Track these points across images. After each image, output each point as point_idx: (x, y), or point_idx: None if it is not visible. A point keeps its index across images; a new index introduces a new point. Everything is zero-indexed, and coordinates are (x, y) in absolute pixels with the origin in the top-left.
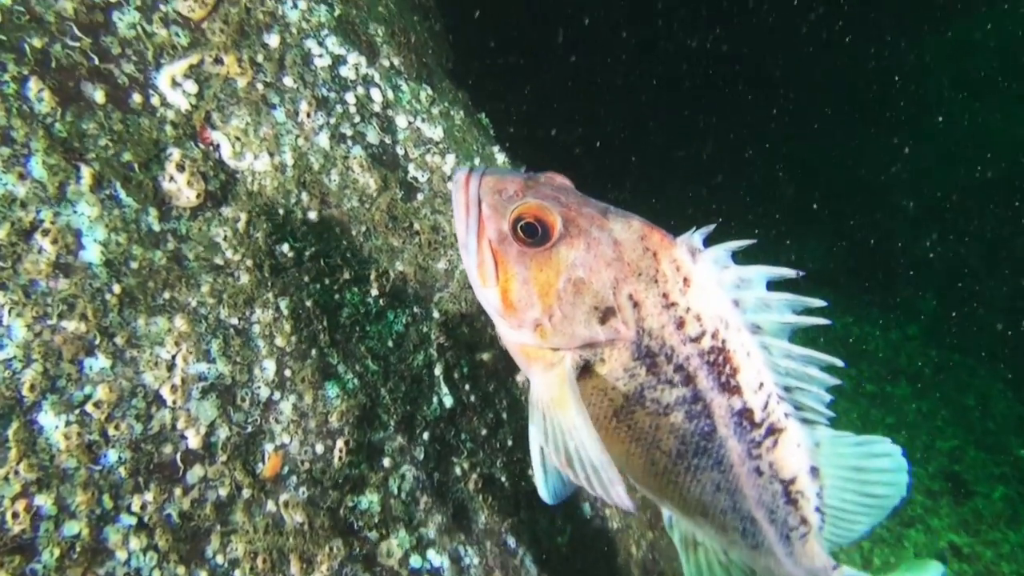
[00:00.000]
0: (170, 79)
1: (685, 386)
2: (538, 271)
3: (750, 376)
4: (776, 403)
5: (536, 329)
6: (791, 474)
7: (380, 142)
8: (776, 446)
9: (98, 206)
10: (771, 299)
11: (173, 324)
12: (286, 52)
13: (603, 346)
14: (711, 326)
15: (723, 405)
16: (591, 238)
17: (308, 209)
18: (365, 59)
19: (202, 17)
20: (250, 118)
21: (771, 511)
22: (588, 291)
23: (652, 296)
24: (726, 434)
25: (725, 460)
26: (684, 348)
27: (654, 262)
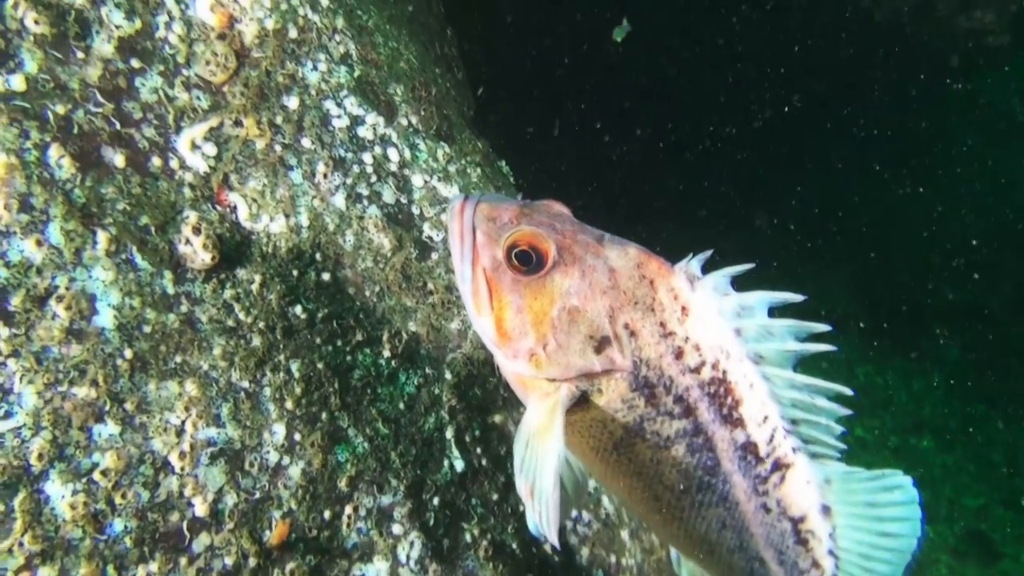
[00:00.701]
0: (190, 142)
1: (685, 418)
2: (532, 299)
3: (753, 408)
4: (783, 437)
5: (531, 359)
6: (800, 512)
7: (396, 202)
8: (783, 482)
9: (113, 270)
10: (773, 326)
11: (184, 388)
12: (305, 114)
13: (600, 377)
14: (711, 356)
15: (726, 438)
16: (586, 266)
17: (322, 270)
18: (383, 119)
19: (223, 81)
20: (267, 180)
21: (780, 552)
22: (583, 320)
23: (649, 325)
24: (730, 469)
25: (730, 496)
26: (683, 379)
27: (651, 290)
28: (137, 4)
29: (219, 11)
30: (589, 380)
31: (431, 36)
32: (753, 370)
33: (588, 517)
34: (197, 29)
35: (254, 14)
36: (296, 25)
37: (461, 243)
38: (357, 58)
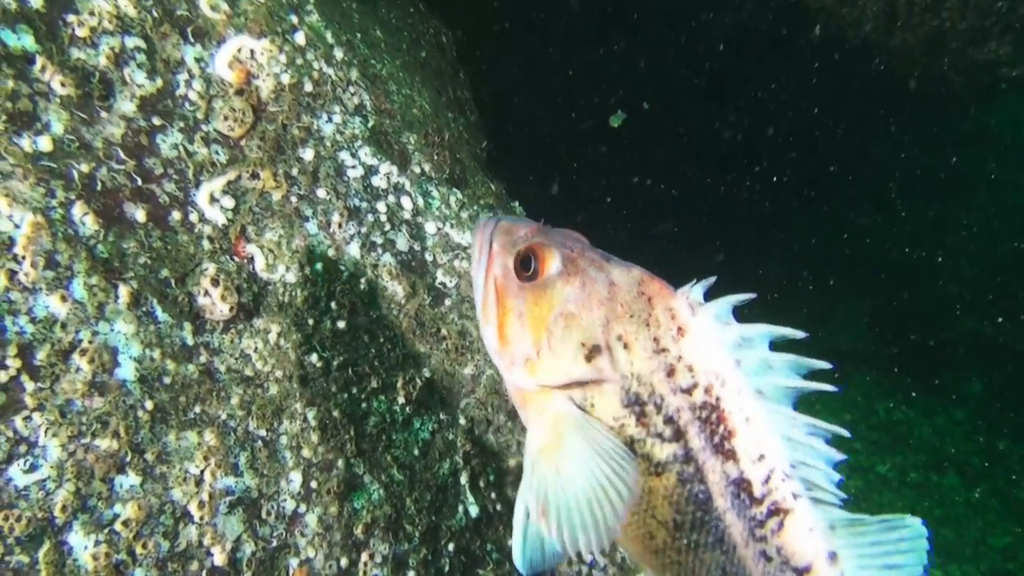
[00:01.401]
0: (208, 196)
1: (675, 442)
2: (533, 305)
3: (748, 443)
4: (781, 480)
5: (527, 364)
6: (805, 562)
7: (409, 249)
8: (782, 529)
9: (135, 323)
10: (774, 360)
11: (203, 438)
12: (320, 165)
13: (590, 388)
14: (704, 380)
15: (717, 470)
16: (587, 277)
17: (337, 319)
18: (396, 168)
19: (241, 135)
20: (284, 231)
21: None
22: (577, 326)
23: (643, 339)
24: (723, 506)
25: (726, 539)
26: (674, 399)
27: (648, 307)
28: (158, 64)
29: (237, 68)
30: (581, 391)
31: (444, 81)
32: (751, 404)
33: (604, 562)
34: (216, 86)
35: (271, 70)
36: (311, 79)
37: (479, 254)
38: (371, 108)
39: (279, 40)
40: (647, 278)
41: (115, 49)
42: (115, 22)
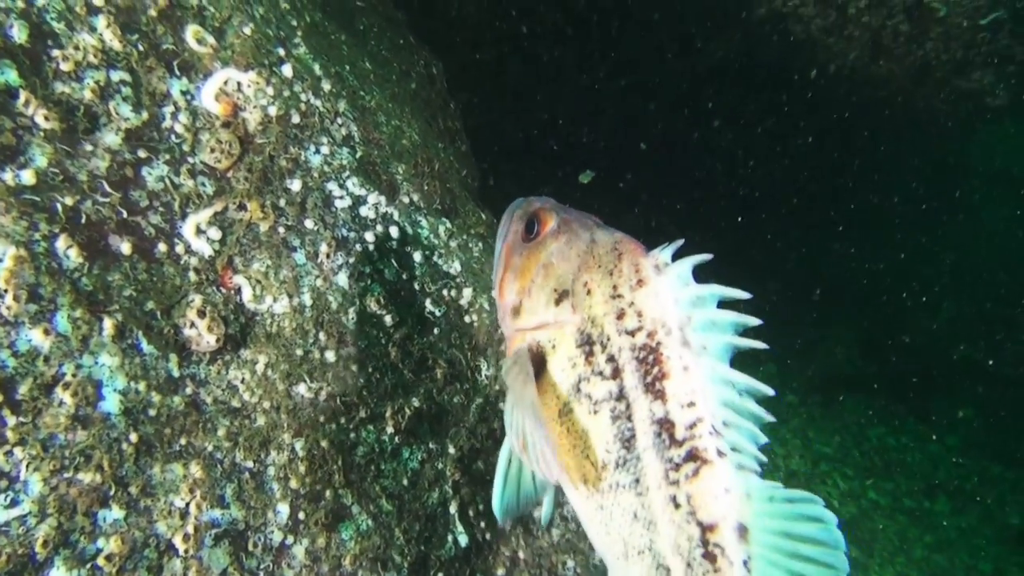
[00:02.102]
0: (195, 227)
1: (613, 379)
2: (527, 259)
3: (679, 389)
4: (708, 433)
5: (512, 312)
6: (711, 519)
7: (398, 278)
8: (697, 476)
9: (119, 355)
10: (719, 317)
11: (188, 470)
12: (308, 196)
13: (554, 329)
14: (649, 325)
15: (645, 407)
16: (573, 234)
17: (325, 349)
18: (385, 198)
19: (228, 167)
20: (271, 261)
21: (688, 564)
22: (554, 275)
23: (604, 286)
24: (645, 444)
25: (643, 479)
26: (618, 339)
27: (617, 260)
28: (144, 97)
29: (224, 100)
30: (547, 333)
31: (434, 111)
32: (692, 357)
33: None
34: (202, 118)
35: (257, 102)
36: (299, 111)
37: (502, 227)
38: (359, 139)
39: (266, 72)
40: (625, 239)
41: (100, 83)
42: (100, 56)
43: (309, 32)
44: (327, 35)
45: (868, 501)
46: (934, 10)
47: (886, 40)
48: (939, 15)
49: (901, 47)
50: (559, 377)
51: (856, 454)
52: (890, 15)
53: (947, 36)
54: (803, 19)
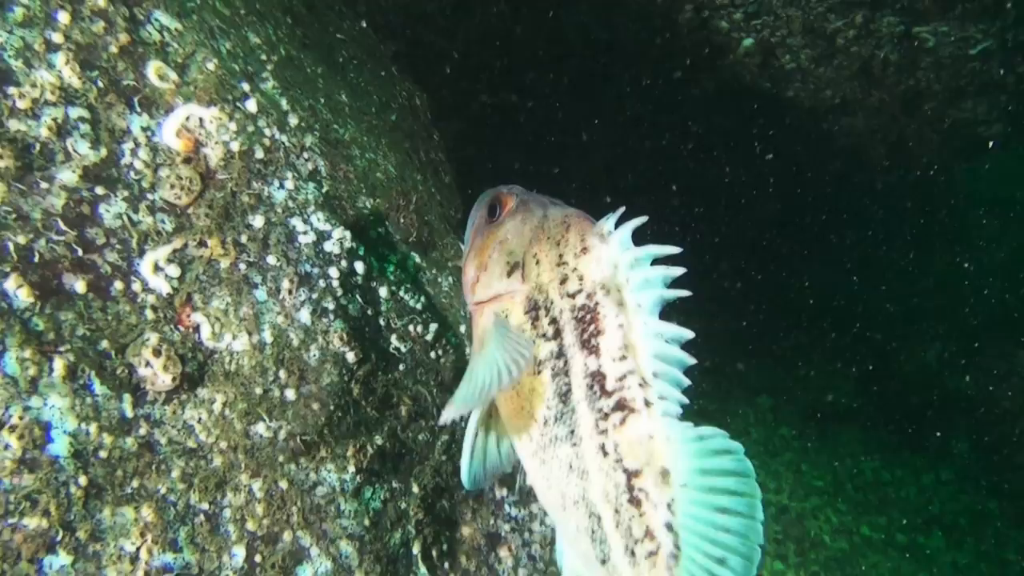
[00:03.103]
0: (152, 265)
1: (554, 339)
2: (487, 237)
3: (613, 343)
4: (636, 384)
5: (472, 287)
6: (636, 465)
7: (362, 314)
8: (623, 425)
9: (70, 396)
10: (651, 275)
11: (140, 514)
12: (270, 232)
13: (506, 299)
14: (589, 287)
15: (580, 363)
16: (528, 212)
17: (286, 387)
18: (350, 233)
19: (188, 203)
20: (231, 298)
21: (616, 510)
22: (508, 249)
23: (551, 255)
24: (579, 397)
25: (576, 430)
26: (560, 302)
27: (565, 232)
28: (103, 133)
29: (185, 136)
30: (500, 303)
31: (415, 143)
32: (628, 314)
33: None
34: (163, 154)
35: (219, 138)
36: (262, 146)
37: (472, 215)
38: (326, 174)
39: (229, 108)
40: (576, 213)
41: (58, 120)
42: (58, 93)
43: (283, 65)
44: (302, 68)
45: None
46: (923, 40)
47: (876, 70)
48: (928, 45)
49: (891, 77)
50: None
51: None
52: (879, 45)
53: (937, 66)
54: (792, 49)
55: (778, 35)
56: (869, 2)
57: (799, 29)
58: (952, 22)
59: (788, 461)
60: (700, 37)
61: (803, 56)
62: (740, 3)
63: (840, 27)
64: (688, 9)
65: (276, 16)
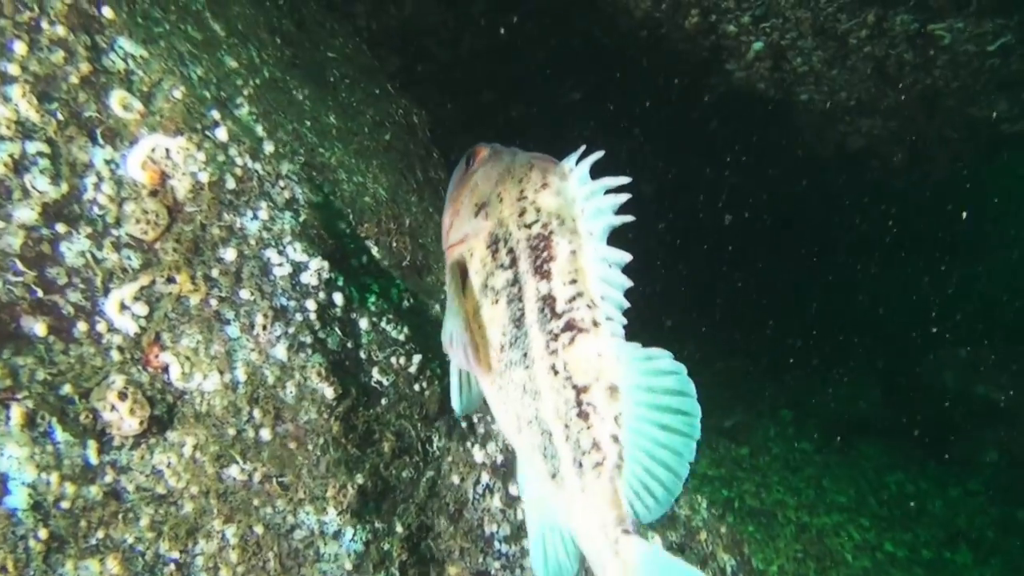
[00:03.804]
0: (118, 304)
1: (510, 268)
2: (461, 187)
3: (564, 268)
4: (586, 306)
5: (447, 233)
6: (584, 381)
7: (342, 347)
8: (572, 344)
9: (29, 446)
10: (603, 203)
11: (105, 566)
12: (243, 265)
13: (472, 238)
14: (545, 218)
15: (533, 287)
16: (498, 158)
17: (261, 426)
18: (329, 263)
19: (155, 238)
20: (201, 336)
21: (566, 426)
22: (477, 192)
23: (514, 192)
24: (531, 320)
25: (529, 352)
26: (518, 232)
27: (529, 170)
28: (63, 168)
29: (150, 168)
30: (468, 244)
31: (412, 162)
32: (580, 241)
33: None
34: (128, 188)
35: (187, 169)
36: (234, 176)
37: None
38: (303, 202)
39: (197, 137)
40: (541, 156)
41: (14, 156)
42: (14, 128)
43: (265, 88)
44: (287, 90)
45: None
46: (938, 38)
47: (891, 70)
48: (944, 43)
49: (907, 76)
50: (474, 280)
51: (873, 502)
52: (893, 44)
53: (954, 64)
54: (803, 52)
55: (788, 38)
56: (881, 1)
57: (809, 31)
58: (968, 18)
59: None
60: (708, 42)
61: (815, 58)
62: (747, 6)
63: (851, 27)
64: (694, 14)
65: (262, 37)
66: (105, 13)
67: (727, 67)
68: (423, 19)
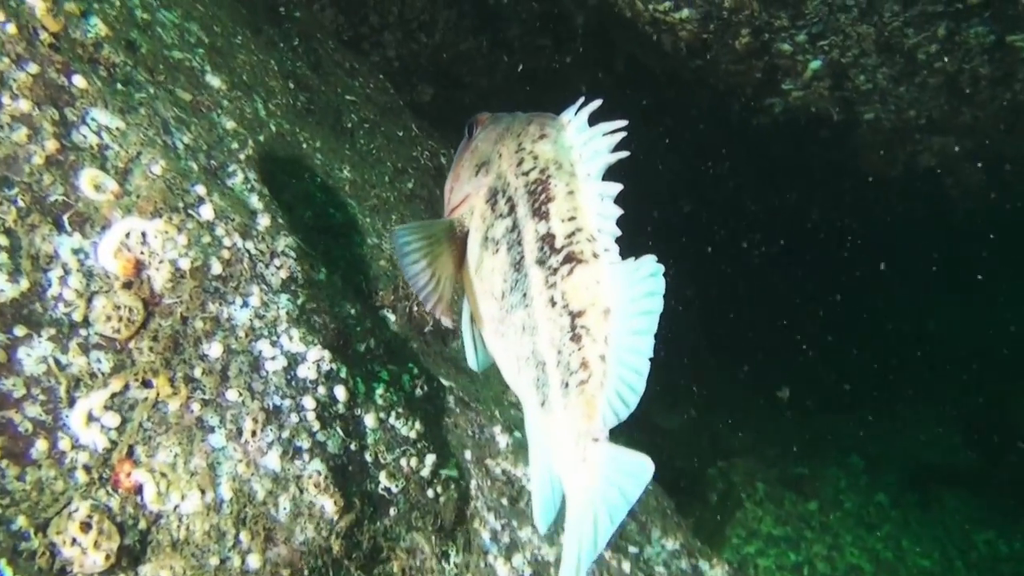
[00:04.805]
0: (85, 416)
1: (509, 216)
2: (464, 153)
3: (562, 208)
4: (587, 240)
5: (448, 197)
6: (580, 307)
7: (344, 450)
8: (571, 275)
9: None
10: (600, 145)
11: None
12: (230, 361)
13: (473, 198)
14: (543, 164)
15: (532, 230)
16: (498, 119)
17: (248, 552)
18: (330, 352)
19: (129, 336)
20: (180, 448)
21: (559, 351)
22: (478, 154)
23: (512, 146)
24: (531, 261)
25: (528, 291)
26: (515, 181)
27: (527, 125)
28: (24, 262)
29: (124, 257)
30: (468, 205)
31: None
32: (578, 182)
33: None
34: (99, 280)
35: (166, 255)
36: (220, 259)
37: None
38: (303, 280)
39: (179, 217)
40: (541, 113)
41: None
42: None
43: (268, 146)
44: (297, 144)
45: None
46: (1018, 49)
47: (965, 85)
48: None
49: (984, 92)
50: (474, 237)
51: (960, 566)
52: (967, 58)
53: None
54: (866, 69)
55: (849, 55)
56: (952, 12)
57: (873, 47)
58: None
59: (887, 536)
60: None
61: (880, 75)
62: (802, 24)
63: (920, 41)
64: (745, 34)
65: (270, 85)
66: (77, 82)
67: (783, 87)
68: (455, 46)
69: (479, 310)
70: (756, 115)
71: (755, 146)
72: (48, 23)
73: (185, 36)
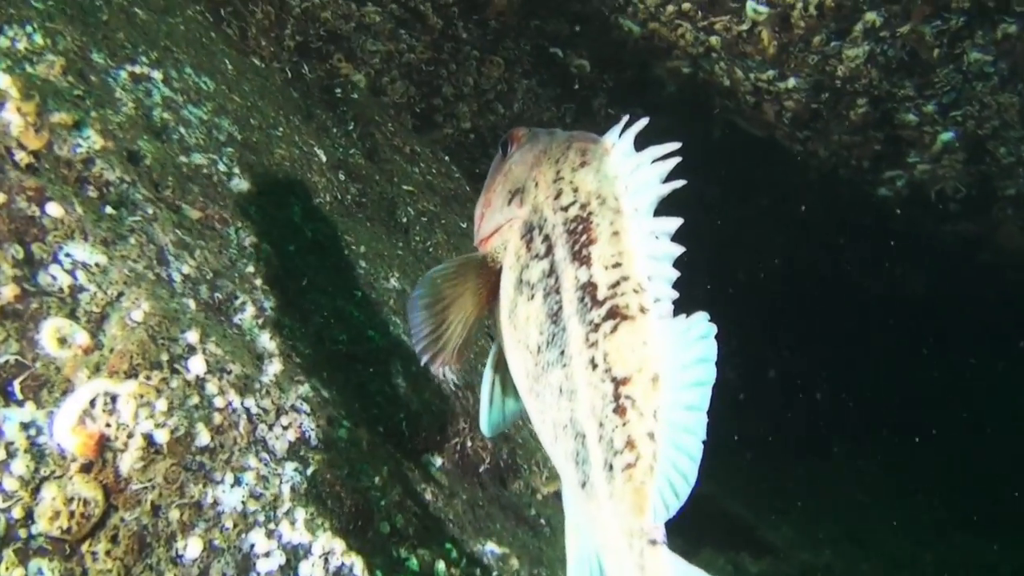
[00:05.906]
0: None
1: (546, 257)
2: (496, 174)
3: (606, 251)
4: (633, 291)
5: (479, 225)
6: (625, 372)
7: None
8: (614, 333)
9: None
10: (649, 175)
11: None
12: (210, 564)
13: (506, 230)
14: (583, 198)
15: (571, 276)
16: (535, 139)
17: None
18: (342, 540)
19: (82, 536)
20: None
21: (600, 423)
22: (512, 178)
23: (549, 174)
24: (569, 312)
25: (567, 349)
26: (553, 216)
27: (566, 150)
28: None
29: (84, 433)
30: (501, 236)
31: None
32: (624, 220)
33: None
34: (51, 463)
35: (137, 428)
36: (209, 426)
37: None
38: (317, 441)
39: (159, 375)
40: (581, 133)
41: None
42: None
43: (299, 258)
44: (337, 251)
45: None
46: None
47: None
48: None
49: None
50: (508, 276)
51: None
52: None
53: None
54: (1009, 141)
55: (988, 126)
56: None
57: (1017, 118)
58: None
59: None
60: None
61: None
62: (931, 94)
63: None
64: (861, 104)
65: (313, 181)
66: (51, 211)
67: (908, 160)
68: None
69: (512, 361)
70: (874, 188)
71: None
72: (27, 140)
73: (214, 134)
